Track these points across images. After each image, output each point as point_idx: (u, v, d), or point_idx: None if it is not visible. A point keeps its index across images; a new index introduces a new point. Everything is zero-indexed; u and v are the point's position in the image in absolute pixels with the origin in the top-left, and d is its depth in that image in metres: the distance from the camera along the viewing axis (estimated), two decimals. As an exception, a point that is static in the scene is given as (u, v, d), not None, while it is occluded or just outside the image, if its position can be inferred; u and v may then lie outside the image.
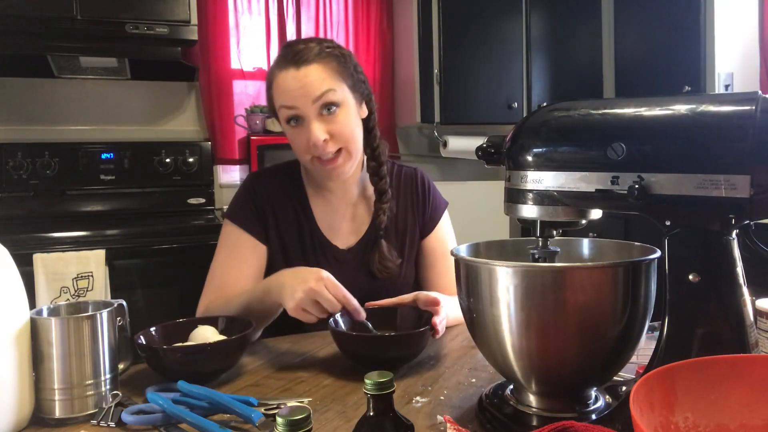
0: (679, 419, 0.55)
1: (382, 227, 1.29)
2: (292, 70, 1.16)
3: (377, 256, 1.27)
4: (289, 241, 1.28)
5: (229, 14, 2.99)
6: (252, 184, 1.31)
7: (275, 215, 1.28)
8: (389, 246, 1.29)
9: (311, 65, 1.16)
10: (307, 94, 1.15)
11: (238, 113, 3.01)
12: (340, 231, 1.31)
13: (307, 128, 1.16)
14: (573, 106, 0.75)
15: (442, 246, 1.36)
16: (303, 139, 1.17)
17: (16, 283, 0.81)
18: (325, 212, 1.31)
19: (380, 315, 1.09)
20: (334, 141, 1.17)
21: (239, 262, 1.25)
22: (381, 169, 1.30)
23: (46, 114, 2.79)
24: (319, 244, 1.29)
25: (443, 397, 0.88)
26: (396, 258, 1.29)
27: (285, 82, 1.16)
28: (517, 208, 0.77)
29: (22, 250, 2.08)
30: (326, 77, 1.16)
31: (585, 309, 0.69)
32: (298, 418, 0.55)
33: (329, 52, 1.19)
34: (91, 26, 2.38)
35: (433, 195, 1.39)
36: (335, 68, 1.18)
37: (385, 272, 1.27)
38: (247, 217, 1.27)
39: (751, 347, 0.66)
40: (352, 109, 1.21)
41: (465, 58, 2.95)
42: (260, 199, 1.28)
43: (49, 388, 0.81)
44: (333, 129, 1.17)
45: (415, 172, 1.40)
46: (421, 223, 1.36)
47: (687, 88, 2.42)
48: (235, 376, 0.98)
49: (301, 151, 1.20)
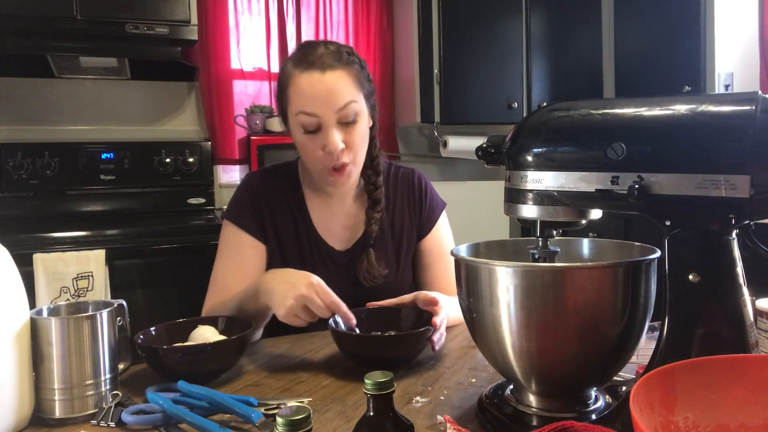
0: (679, 419, 0.55)
1: (372, 236, 1.29)
2: (317, 74, 1.14)
3: (365, 264, 1.27)
4: (287, 241, 1.28)
5: (229, 14, 2.99)
6: (249, 183, 1.31)
7: (272, 215, 1.28)
8: (378, 256, 1.29)
9: (336, 71, 1.14)
10: (331, 102, 1.14)
11: (238, 113, 3.01)
12: (336, 233, 1.31)
13: (324, 136, 1.15)
14: (573, 106, 0.75)
15: (439, 247, 1.36)
16: (317, 146, 1.17)
17: (16, 283, 0.81)
18: (322, 214, 1.31)
19: (381, 315, 1.10)
20: (348, 151, 1.18)
21: (241, 263, 1.25)
22: (378, 178, 1.30)
23: (46, 114, 2.79)
24: (315, 245, 1.29)
25: (443, 397, 0.88)
26: (384, 268, 1.28)
27: (310, 87, 1.14)
28: (517, 208, 0.77)
29: (22, 250, 2.08)
30: (349, 86, 1.16)
31: (585, 309, 0.69)
32: (298, 418, 0.55)
33: (351, 59, 1.18)
34: (91, 26, 2.38)
35: (431, 196, 1.38)
36: (356, 76, 1.18)
37: (371, 281, 1.27)
38: (245, 217, 1.27)
39: (751, 347, 0.66)
40: (365, 120, 1.21)
41: (465, 58, 2.95)
42: (258, 199, 1.28)
43: (49, 388, 0.81)
44: (349, 140, 1.17)
45: (412, 173, 1.39)
46: (418, 225, 1.36)
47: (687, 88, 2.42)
48: (235, 376, 0.98)
49: (314, 158, 1.19)
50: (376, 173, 1.30)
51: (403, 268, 1.34)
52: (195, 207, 2.82)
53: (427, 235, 1.36)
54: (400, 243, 1.33)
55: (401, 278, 1.33)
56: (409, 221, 1.35)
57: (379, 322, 1.08)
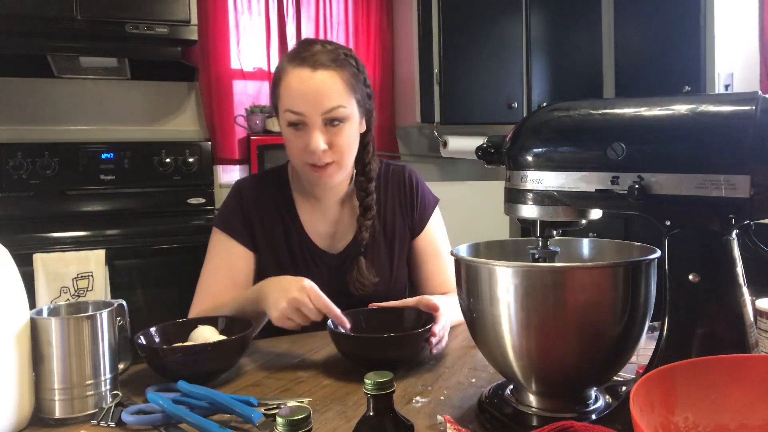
0: (679, 419, 0.55)
1: (363, 244, 1.28)
2: (307, 71, 1.13)
3: (355, 273, 1.26)
4: (279, 246, 1.28)
5: (229, 14, 2.99)
6: (239, 191, 1.31)
7: (262, 221, 1.28)
8: (368, 264, 1.28)
9: (327, 71, 1.14)
10: (318, 103, 1.13)
11: (238, 113, 3.01)
12: (327, 236, 1.31)
13: (307, 134, 1.15)
14: (573, 106, 0.75)
15: (432, 245, 1.36)
16: (301, 143, 1.17)
17: (16, 283, 0.81)
18: (312, 218, 1.31)
19: (381, 316, 1.10)
20: (331, 152, 1.17)
21: (228, 270, 1.25)
22: (369, 185, 1.28)
23: (46, 114, 2.78)
24: (308, 248, 1.29)
25: (443, 397, 0.88)
26: (374, 276, 1.27)
27: (298, 83, 1.14)
28: (517, 208, 0.77)
29: (22, 250, 2.07)
30: (339, 90, 1.14)
31: (585, 309, 0.69)
32: (298, 418, 0.55)
33: (346, 61, 1.17)
34: (91, 26, 2.38)
35: (422, 193, 1.37)
36: (348, 80, 1.16)
37: (361, 289, 1.26)
38: (234, 225, 1.27)
39: (751, 347, 0.66)
40: (355, 124, 1.20)
41: (465, 58, 2.95)
42: (248, 206, 1.28)
43: (49, 388, 0.81)
44: (333, 141, 1.16)
45: (403, 170, 1.38)
46: (411, 224, 1.35)
47: (687, 88, 2.43)
48: (235, 376, 0.98)
49: (296, 153, 1.19)
50: (368, 180, 1.29)
51: (397, 271, 1.33)
52: (195, 207, 2.82)
53: (420, 234, 1.35)
54: (392, 246, 1.33)
55: (395, 283, 1.33)
56: (401, 221, 1.34)
57: (379, 322, 1.08)
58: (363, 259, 1.27)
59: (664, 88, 2.55)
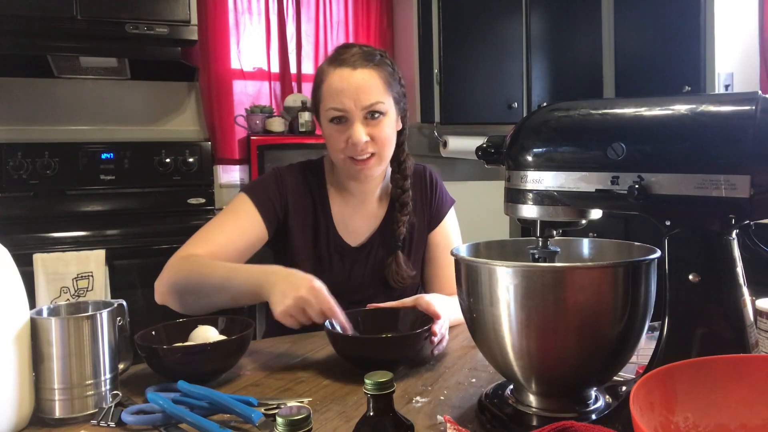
0: (679, 419, 0.55)
1: (400, 239, 1.32)
2: (348, 70, 1.20)
3: (394, 267, 1.31)
4: (305, 232, 1.31)
5: (229, 14, 3.00)
6: (281, 173, 1.33)
7: (295, 206, 1.31)
8: (406, 258, 1.33)
9: (366, 69, 1.21)
10: (358, 99, 1.19)
11: (238, 113, 3.01)
12: (353, 230, 1.34)
13: (349, 128, 1.20)
14: (573, 106, 0.75)
15: (445, 241, 1.39)
16: (343, 138, 1.21)
17: (16, 283, 0.81)
18: (343, 211, 1.34)
19: (379, 317, 1.09)
20: (372, 144, 1.22)
21: (237, 231, 1.25)
22: (405, 182, 1.34)
23: (46, 114, 2.79)
24: (332, 239, 1.32)
25: (443, 397, 0.88)
26: (411, 269, 1.32)
27: (339, 82, 1.19)
28: (517, 208, 0.77)
29: (22, 250, 2.08)
30: (377, 86, 1.21)
31: (585, 309, 0.69)
32: (298, 418, 0.55)
33: (383, 61, 1.25)
34: (91, 26, 2.38)
35: (440, 191, 1.42)
36: (386, 78, 1.23)
37: (400, 282, 1.31)
38: (263, 199, 1.28)
39: (751, 347, 0.66)
40: (392, 120, 1.26)
41: (465, 58, 2.95)
42: (285, 189, 1.31)
43: (49, 388, 0.81)
44: (374, 133, 1.22)
45: (424, 168, 1.43)
46: (428, 218, 1.39)
47: (687, 88, 2.43)
48: (235, 376, 0.98)
49: (338, 148, 1.23)
50: (403, 177, 1.35)
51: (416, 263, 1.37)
52: (195, 207, 2.82)
53: (435, 229, 1.39)
54: (412, 238, 1.37)
55: (418, 277, 1.38)
56: (420, 216, 1.38)
57: (378, 323, 1.08)
58: (401, 253, 1.32)
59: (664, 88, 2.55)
